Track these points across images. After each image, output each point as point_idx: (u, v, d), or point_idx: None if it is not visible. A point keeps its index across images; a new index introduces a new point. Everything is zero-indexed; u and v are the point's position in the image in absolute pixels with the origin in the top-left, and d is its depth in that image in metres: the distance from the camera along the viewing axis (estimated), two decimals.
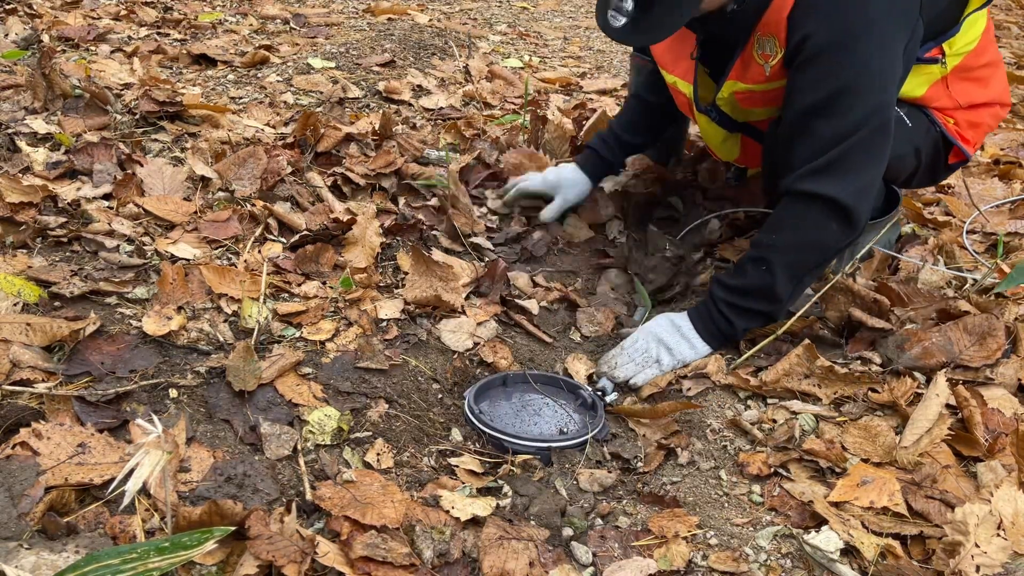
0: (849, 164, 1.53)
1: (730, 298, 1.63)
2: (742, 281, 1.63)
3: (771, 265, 1.59)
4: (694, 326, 1.66)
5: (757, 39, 1.60)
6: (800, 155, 1.55)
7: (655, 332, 1.66)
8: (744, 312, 1.64)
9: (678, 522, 1.28)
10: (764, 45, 1.59)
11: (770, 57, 1.59)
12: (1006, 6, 5.27)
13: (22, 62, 2.62)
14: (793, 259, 1.60)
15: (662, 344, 1.64)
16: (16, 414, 1.26)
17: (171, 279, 1.64)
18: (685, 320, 1.67)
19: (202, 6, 3.80)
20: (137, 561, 0.95)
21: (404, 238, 2.02)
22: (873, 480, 1.33)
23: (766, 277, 1.60)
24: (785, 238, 1.60)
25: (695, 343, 1.65)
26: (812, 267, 1.63)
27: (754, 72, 1.65)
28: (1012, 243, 2.10)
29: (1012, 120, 3.10)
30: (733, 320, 1.64)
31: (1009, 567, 1.17)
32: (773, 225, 1.62)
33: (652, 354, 1.63)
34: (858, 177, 1.54)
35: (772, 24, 1.55)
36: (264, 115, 2.57)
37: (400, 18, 3.86)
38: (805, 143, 1.54)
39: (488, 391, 1.58)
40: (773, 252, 1.60)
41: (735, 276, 1.65)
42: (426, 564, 1.15)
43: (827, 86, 1.50)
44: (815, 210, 1.56)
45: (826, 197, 1.53)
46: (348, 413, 1.45)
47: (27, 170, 1.99)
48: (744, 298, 1.63)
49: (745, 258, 1.65)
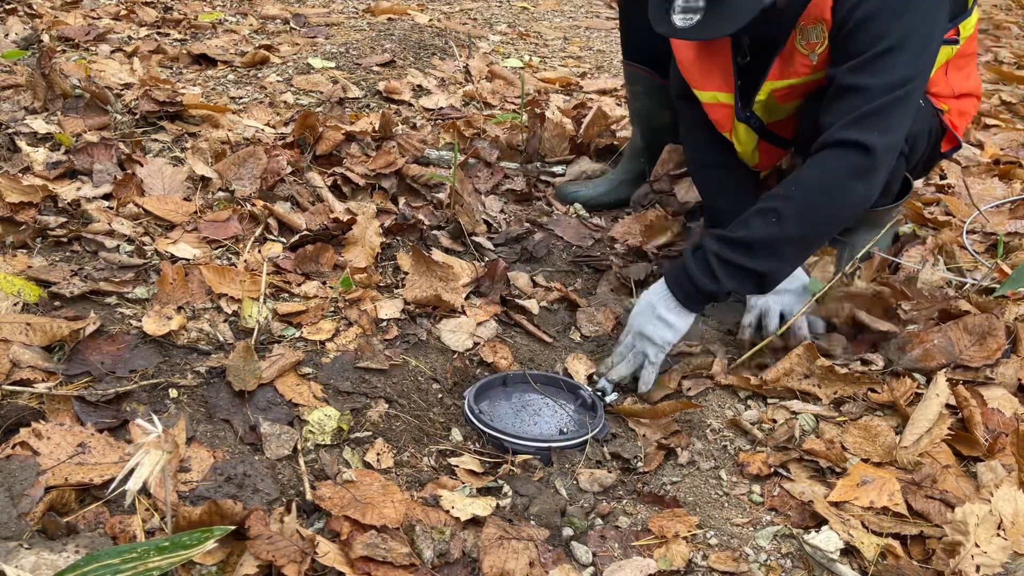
0: (888, 119, 1.51)
1: (724, 252, 1.52)
2: (744, 233, 1.51)
3: (781, 216, 1.50)
4: (673, 293, 1.57)
5: (800, 30, 1.59)
6: (842, 110, 1.52)
7: (635, 325, 1.60)
8: (737, 270, 1.52)
9: (678, 522, 1.28)
10: (809, 34, 1.59)
11: (817, 44, 1.59)
12: (1006, 6, 5.27)
13: (22, 62, 2.62)
14: (806, 209, 1.51)
15: (643, 337, 1.58)
16: (16, 414, 1.26)
17: (171, 279, 1.64)
18: (659, 293, 1.58)
19: (202, 6, 3.80)
20: (137, 561, 0.95)
21: (404, 238, 2.02)
22: (873, 480, 1.33)
23: (773, 229, 1.49)
24: (805, 187, 1.52)
25: (672, 320, 1.56)
26: (822, 228, 1.55)
27: (799, 64, 1.63)
28: (1012, 243, 2.10)
29: (1012, 120, 3.11)
30: (721, 278, 1.52)
31: (1009, 567, 1.17)
32: (793, 178, 1.55)
33: (640, 349, 1.59)
34: (894, 134, 1.52)
35: (817, 10, 1.55)
36: (264, 115, 2.58)
37: (400, 18, 3.86)
38: (849, 98, 1.52)
39: (488, 391, 1.58)
40: (786, 202, 1.51)
41: (735, 229, 1.54)
42: (426, 564, 1.15)
43: (878, 44, 1.50)
44: (847, 158, 1.50)
45: (863, 144, 1.48)
46: (348, 413, 1.45)
47: (27, 170, 1.99)
48: (742, 253, 1.51)
49: (750, 212, 1.54)
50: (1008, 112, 3.20)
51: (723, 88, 1.75)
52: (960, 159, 2.65)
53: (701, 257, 1.54)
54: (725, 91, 1.76)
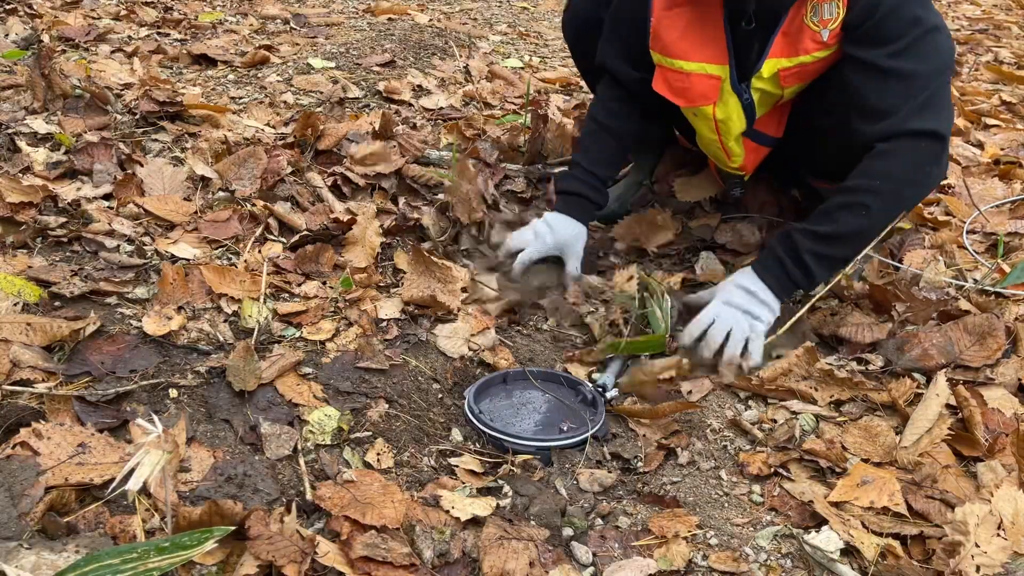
0: (942, 101, 1.61)
1: (819, 247, 1.61)
2: (834, 228, 1.60)
3: (869, 209, 1.59)
4: (766, 284, 1.64)
5: (812, 6, 1.59)
6: (896, 97, 1.58)
7: (734, 302, 1.63)
8: (830, 261, 1.63)
9: (678, 522, 1.28)
10: (822, 10, 1.59)
11: (830, 21, 1.59)
12: (1006, 6, 5.27)
13: (22, 62, 2.62)
14: (894, 200, 1.61)
15: (746, 313, 1.62)
16: (16, 414, 1.26)
17: (171, 279, 1.64)
18: (754, 280, 1.65)
19: (202, 6, 3.80)
20: (137, 561, 0.95)
21: (404, 238, 2.02)
22: (873, 480, 1.33)
23: (863, 221, 1.60)
24: (890, 177, 1.59)
25: (772, 304, 1.64)
26: (907, 207, 1.65)
27: (808, 41, 1.63)
28: (1012, 243, 2.10)
29: (1012, 120, 3.11)
30: (815, 271, 1.62)
31: (1009, 567, 1.17)
32: (870, 169, 1.60)
33: (744, 327, 1.61)
34: (949, 118, 1.62)
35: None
36: (264, 115, 2.58)
37: (400, 18, 3.86)
38: (901, 86, 1.57)
39: (488, 389, 1.58)
40: (871, 196, 1.59)
41: (824, 223, 1.62)
42: (426, 564, 1.15)
43: (917, 28, 1.55)
44: (923, 147, 1.58)
45: (934, 132, 1.57)
46: (348, 413, 1.45)
47: (27, 170, 1.99)
48: (835, 245, 1.62)
49: (833, 205, 1.63)
50: (1008, 112, 3.20)
51: (714, 59, 1.74)
52: (960, 159, 2.65)
53: (793, 252, 1.63)
54: (716, 62, 1.74)
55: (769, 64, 1.68)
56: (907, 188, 1.62)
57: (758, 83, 1.72)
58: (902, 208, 1.64)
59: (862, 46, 1.59)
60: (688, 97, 1.79)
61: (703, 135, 1.90)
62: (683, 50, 1.75)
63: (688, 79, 1.77)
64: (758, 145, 1.89)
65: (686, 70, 1.76)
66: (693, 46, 1.74)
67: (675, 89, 1.80)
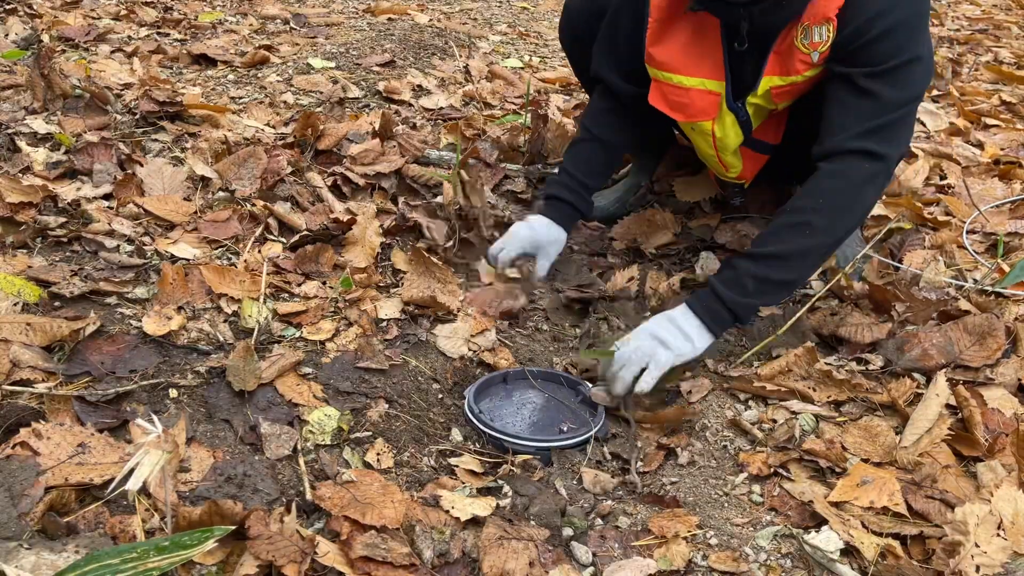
0: (899, 131, 1.60)
1: (759, 269, 1.56)
2: (778, 248, 1.57)
3: (813, 227, 1.56)
4: (697, 316, 1.58)
5: (803, 28, 1.60)
6: (858, 114, 1.57)
7: (650, 330, 1.59)
8: (771, 284, 1.58)
9: (678, 522, 1.28)
10: (812, 33, 1.60)
11: (820, 44, 1.60)
12: (1006, 6, 5.27)
13: (22, 62, 2.62)
14: (838, 218, 1.58)
15: (657, 340, 1.56)
16: (16, 414, 1.26)
17: (171, 279, 1.64)
18: (684, 313, 1.59)
19: (202, 6, 3.80)
20: (137, 561, 0.95)
21: (404, 238, 2.02)
22: (873, 480, 1.33)
23: (807, 240, 1.57)
24: (833, 198, 1.58)
25: (694, 337, 1.57)
26: (848, 232, 1.62)
27: (798, 62, 1.64)
28: (1012, 243, 2.10)
29: (1012, 120, 3.11)
30: (754, 293, 1.56)
31: (1009, 567, 1.17)
32: (815, 189, 1.59)
33: (647, 351, 1.54)
34: (901, 145, 1.62)
35: (823, 9, 1.57)
36: (264, 115, 2.57)
37: (400, 18, 3.86)
38: (865, 104, 1.57)
39: (488, 389, 1.58)
40: (815, 214, 1.57)
41: (767, 244, 1.59)
42: (426, 564, 1.15)
43: (898, 56, 1.55)
44: (867, 168, 1.57)
45: (881, 155, 1.56)
46: (348, 413, 1.45)
47: (27, 170, 1.99)
48: (778, 266, 1.57)
49: (777, 226, 1.60)
50: (1008, 112, 3.20)
51: (713, 75, 1.73)
52: (960, 159, 2.65)
53: (731, 277, 1.59)
54: (714, 78, 1.73)
55: (764, 82, 1.68)
56: (846, 205, 1.59)
57: (752, 99, 1.73)
58: (843, 229, 1.60)
59: (843, 63, 1.59)
60: (687, 112, 1.78)
61: (700, 148, 1.90)
62: (683, 65, 1.74)
63: (688, 94, 1.75)
64: (757, 153, 1.89)
65: (686, 85, 1.75)
66: (693, 61, 1.73)
67: (673, 104, 1.79)
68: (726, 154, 1.85)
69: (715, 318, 1.58)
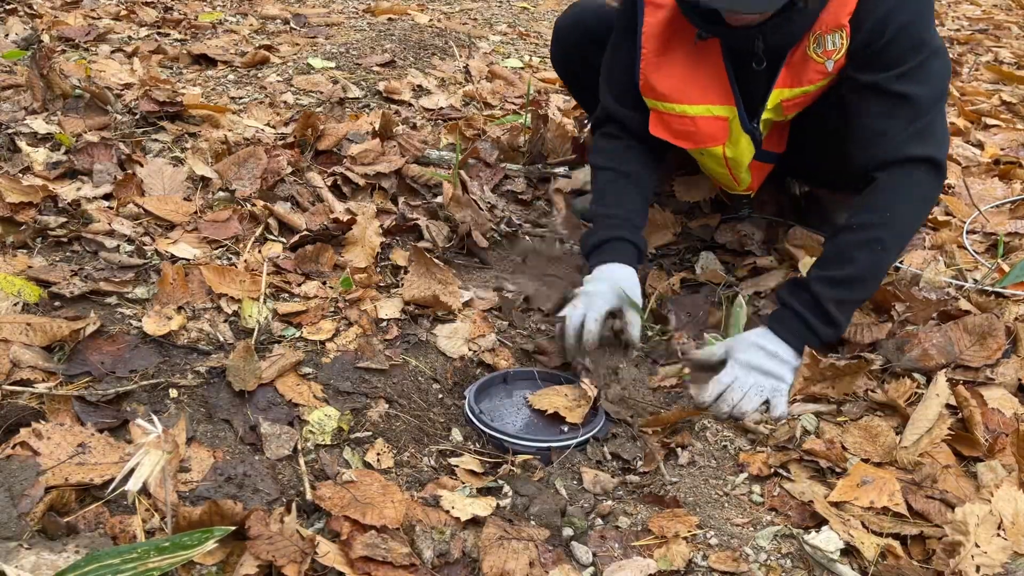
0: (940, 130, 1.61)
1: (840, 293, 1.55)
2: (854, 269, 1.55)
3: (885, 243, 1.55)
4: (787, 342, 1.56)
5: (816, 37, 1.59)
6: (901, 121, 1.57)
7: (754, 364, 1.54)
8: (852, 304, 1.59)
9: (678, 522, 1.28)
10: (825, 42, 1.59)
11: (834, 52, 1.59)
12: (1006, 6, 5.27)
13: (22, 62, 2.62)
14: (906, 230, 1.59)
15: (770, 375, 1.54)
16: (16, 414, 1.26)
17: (171, 279, 1.64)
18: (773, 340, 1.57)
19: (202, 6, 3.80)
20: (137, 561, 0.95)
21: (404, 238, 2.02)
22: (873, 480, 1.33)
23: (880, 257, 1.56)
24: (898, 210, 1.57)
25: (794, 362, 1.56)
26: (912, 236, 1.63)
27: (812, 72, 1.63)
28: (1012, 243, 2.10)
29: (1012, 120, 3.11)
30: (840, 320, 1.56)
31: (1009, 567, 1.17)
32: (876, 203, 1.57)
33: (765, 388, 1.52)
34: (946, 144, 1.62)
35: (834, 17, 1.56)
36: (264, 115, 2.57)
37: (400, 18, 3.86)
38: (904, 109, 1.57)
39: (489, 389, 1.58)
40: (884, 229, 1.55)
41: (842, 266, 1.56)
42: (426, 564, 1.15)
43: (922, 51, 1.56)
44: (921, 173, 1.57)
45: (930, 159, 1.57)
46: (348, 413, 1.45)
47: (27, 170, 1.99)
48: (856, 288, 1.57)
49: (846, 245, 1.57)
50: (1008, 112, 3.20)
51: (719, 100, 1.70)
52: (960, 159, 2.65)
53: (813, 304, 1.56)
54: (721, 103, 1.70)
55: (774, 95, 1.67)
56: (912, 218, 1.60)
57: (765, 115, 1.71)
58: (909, 238, 1.62)
59: (865, 70, 1.58)
60: (695, 140, 1.75)
61: (709, 168, 1.87)
62: (684, 94, 1.70)
63: (694, 123, 1.72)
64: (764, 164, 1.88)
65: (690, 114, 1.71)
66: (695, 89, 1.70)
67: (678, 132, 1.75)
68: (739, 171, 1.84)
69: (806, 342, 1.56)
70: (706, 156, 1.81)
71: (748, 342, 1.59)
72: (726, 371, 1.56)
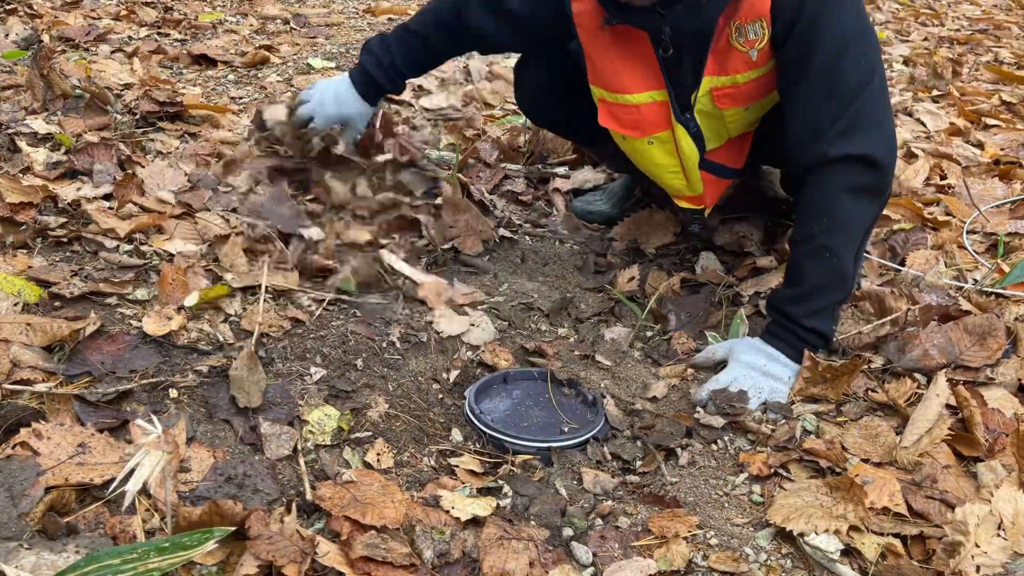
0: (873, 116, 1.55)
1: (807, 307, 1.58)
2: (811, 283, 1.58)
3: (830, 247, 1.55)
4: (782, 352, 1.59)
5: (736, 27, 1.57)
6: (826, 112, 1.54)
7: (755, 364, 1.58)
8: (830, 309, 1.60)
9: (678, 522, 1.28)
10: (746, 31, 1.57)
11: (756, 41, 1.57)
12: (1006, 6, 5.27)
13: (22, 62, 2.62)
14: (851, 227, 1.57)
15: (769, 376, 1.57)
16: (16, 414, 1.26)
17: (171, 279, 1.64)
18: (770, 348, 1.60)
19: (202, 6, 3.80)
20: (137, 561, 0.95)
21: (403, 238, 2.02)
22: (873, 480, 1.33)
23: (832, 263, 1.56)
24: (834, 212, 1.56)
25: (793, 365, 1.59)
26: (868, 233, 1.61)
27: (737, 62, 1.61)
28: (1012, 243, 2.10)
29: (1012, 120, 3.11)
30: (822, 330, 1.59)
31: (1009, 567, 1.17)
32: (812, 211, 1.58)
33: (764, 389, 1.55)
34: (883, 128, 1.57)
35: (757, 6, 1.54)
36: None
37: (400, 18, 3.86)
38: (827, 102, 1.54)
39: (489, 389, 1.58)
40: (826, 236, 1.55)
41: (799, 283, 1.59)
42: (426, 564, 1.15)
43: (840, 36, 1.52)
44: (853, 171, 1.54)
45: (860, 156, 1.53)
46: (348, 413, 1.45)
47: (27, 170, 1.99)
48: (821, 296, 1.58)
49: (798, 259, 1.60)
50: (1008, 112, 3.20)
51: (655, 86, 1.70)
52: (960, 159, 2.65)
53: (792, 322, 1.59)
54: (657, 88, 1.70)
55: (704, 83, 1.65)
56: (854, 213, 1.57)
57: (698, 106, 1.68)
58: (862, 231, 1.59)
59: (790, 56, 1.56)
60: (643, 128, 1.75)
61: (662, 166, 1.82)
62: (625, 84, 1.71)
63: (639, 111, 1.72)
64: (717, 178, 1.83)
65: (634, 102, 1.72)
66: (634, 77, 1.70)
67: (626, 123, 1.75)
68: (690, 167, 1.79)
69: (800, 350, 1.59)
70: (657, 147, 1.77)
71: (749, 344, 1.62)
72: (726, 370, 1.59)
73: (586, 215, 2.28)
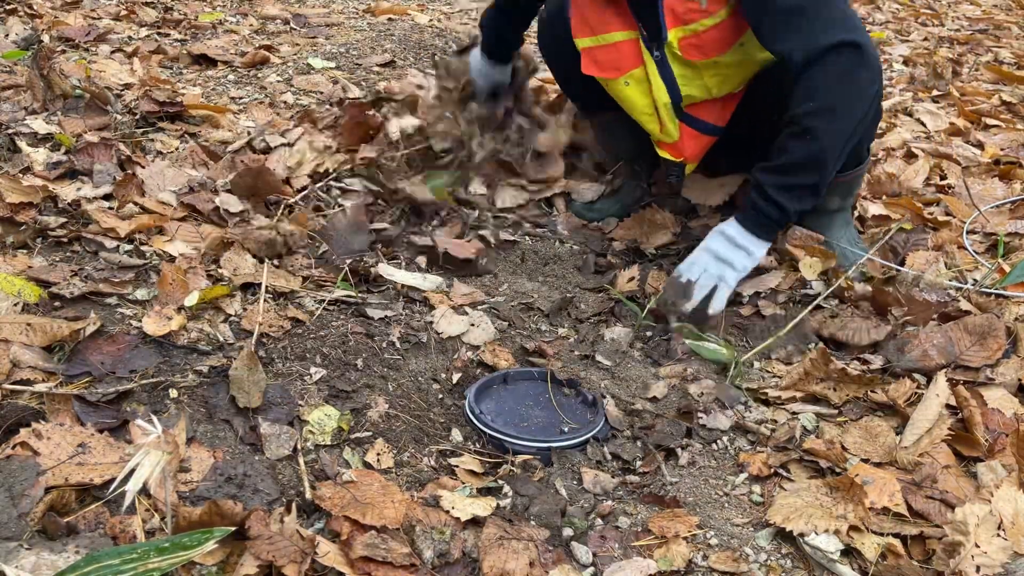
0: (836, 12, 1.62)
1: (778, 180, 1.65)
2: (788, 158, 1.64)
3: (815, 130, 1.60)
4: (745, 228, 1.68)
5: None
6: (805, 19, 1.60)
7: (711, 249, 1.69)
8: (796, 190, 1.65)
9: (678, 522, 1.28)
10: None
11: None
12: (1006, 6, 5.27)
13: (22, 62, 2.62)
14: (838, 112, 1.61)
15: (722, 261, 1.66)
16: (16, 414, 1.26)
17: (171, 279, 1.64)
18: (734, 227, 1.70)
19: (202, 6, 3.80)
20: (137, 561, 0.95)
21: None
22: (873, 480, 1.33)
23: (812, 146, 1.61)
24: (823, 96, 1.60)
25: (751, 249, 1.68)
26: (854, 118, 1.63)
27: (688, 12, 1.69)
28: (1012, 243, 2.10)
29: (1012, 120, 3.10)
30: (785, 204, 1.65)
31: (1009, 567, 1.17)
32: (802, 95, 1.62)
33: (714, 272, 1.64)
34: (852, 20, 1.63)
35: None
36: (264, 115, 2.57)
37: (400, 18, 3.86)
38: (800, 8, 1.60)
39: (489, 389, 1.58)
40: (813, 118, 1.60)
41: (777, 157, 1.66)
42: (426, 564, 1.15)
43: None
44: (842, 57, 1.58)
45: (845, 42, 1.58)
46: (348, 413, 1.45)
47: (27, 170, 1.99)
48: (794, 174, 1.64)
49: (782, 138, 1.66)
50: (1008, 112, 3.19)
51: (624, 27, 1.81)
52: (960, 159, 2.65)
53: (759, 191, 1.68)
54: (626, 29, 1.81)
55: (671, 34, 1.73)
56: (843, 97, 1.61)
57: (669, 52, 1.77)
58: (849, 121, 1.63)
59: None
60: (620, 67, 1.85)
61: (636, 105, 1.91)
62: (606, 23, 1.83)
63: (616, 48, 1.83)
64: (697, 132, 1.90)
65: (614, 40, 1.83)
66: (614, 17, 1.82)
67: (604, 64, 1.86)
68: (661, 106, 1.87)
69: (762, 226, 1.69)
70: (632, 86, 1.87)
71: (717, 231, 1.72)
72: (687, 258, 1.70)
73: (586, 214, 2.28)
